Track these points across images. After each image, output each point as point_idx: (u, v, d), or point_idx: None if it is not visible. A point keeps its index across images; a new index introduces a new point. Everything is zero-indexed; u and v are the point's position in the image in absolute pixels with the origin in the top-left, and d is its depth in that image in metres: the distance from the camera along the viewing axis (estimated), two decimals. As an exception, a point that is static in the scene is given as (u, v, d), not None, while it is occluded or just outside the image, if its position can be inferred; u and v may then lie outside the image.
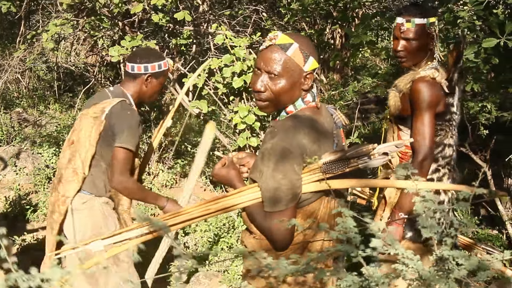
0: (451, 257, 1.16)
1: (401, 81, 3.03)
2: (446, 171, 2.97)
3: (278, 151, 1.91)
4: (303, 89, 2.05)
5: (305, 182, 1.96)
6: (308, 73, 2.03)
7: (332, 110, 2.23)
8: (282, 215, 1.92)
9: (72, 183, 3.27)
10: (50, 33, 5.26)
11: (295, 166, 1.91)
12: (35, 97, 10.19)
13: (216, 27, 5.49)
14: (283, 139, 1.93)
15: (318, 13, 8.17)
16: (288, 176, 1.90)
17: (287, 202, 1.92)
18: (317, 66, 2.05)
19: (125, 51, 4.93)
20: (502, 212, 4.89)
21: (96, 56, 7.85)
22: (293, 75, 2.02)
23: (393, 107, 3.07)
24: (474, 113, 4.99)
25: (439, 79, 2.89)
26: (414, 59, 3.00)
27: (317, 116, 2.06)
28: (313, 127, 1.99)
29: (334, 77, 10.68)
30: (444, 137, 2.96)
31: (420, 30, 2.95)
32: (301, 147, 1.92)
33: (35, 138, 8.18)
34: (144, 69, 3.36)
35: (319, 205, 2.03)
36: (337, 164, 1.92)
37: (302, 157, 1.91)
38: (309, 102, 2.08)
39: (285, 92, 2.03)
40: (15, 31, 10.10)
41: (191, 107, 5.26)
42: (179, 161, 7.39)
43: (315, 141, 1.96)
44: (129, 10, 5.55)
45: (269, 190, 1.93)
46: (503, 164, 5.53)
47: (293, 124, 1.97)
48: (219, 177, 2.18)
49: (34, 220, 5.90)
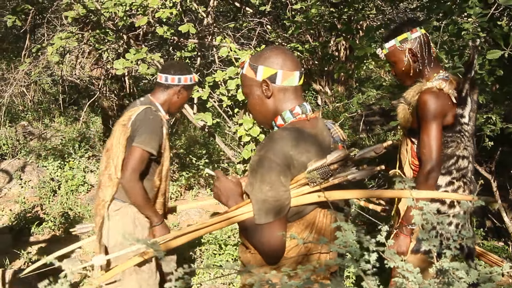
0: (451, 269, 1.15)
1: (408, 93, 3.03)
2: (461, 183, 2.93)
3: (265, 163, 1.91)
4: (266, 97, 2.09)
5: (297, 194, 1.95)
6: (263, 81, 2.08)
7: (330, 125, 2.23)
8: (271, 227, 1.92)
9: (108, 188, 3.42)
10: (55, 46, 5.29)
11: (282, 178, 1.90)
12: (40, 110, 10.24)
13: (221, 39, 5.51)
14: (269, 151, 1.92)
15: (323, 26, 8.18)
16: (274, 188, 1.90)
17: (274, 214, 1.91)
18: (274, 71, 2.06)
19: (130, 64, 4.95)
20: (508, 223, 4.86)
21: (101, 69, 7.87)
22: (252, 89, 2.12)
23: (403, 120, 3.06)
24: (479, 125, 4.97)
25: (446, 89, 2.87)
26: (410, 77, 3.05)
27: (308, 129, 2.05)
28: (302, 139, 1.98)
29: (338, 89, 10.67)
30: (456, 149, 2.92)
31: (393, 52, 3.04)
32: (288, 159, 1.91)
33: (40, 151, 8.20)
34: (178, 81, 3.56)
35: (315, 216, 2.02)
36: (321, 171, 1.90)
37: (289, 169, 1.92)
38: (298, 114, 2.09)
39: (255, 107, 2.15)
40: (20, 44, 10.17)
41: (195, 120, 5.27)
42: (184, 174, 7.39)
43: (304, 152, 1.95)
44: (133, 23, 5.59)
45: (257, 202, 1.93)
46: (508, 175, 5.51)
47: (280, 136, 1.96)
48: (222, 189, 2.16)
49: (39, 233, 5.90)
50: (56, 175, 7.32)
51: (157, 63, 5.28)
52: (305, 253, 2.01)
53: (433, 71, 3.01)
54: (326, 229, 2.05)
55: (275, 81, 2.07)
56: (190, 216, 6.66)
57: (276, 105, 2.10)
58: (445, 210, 2.91)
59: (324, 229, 2.05)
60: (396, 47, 3.01)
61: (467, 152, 2.95)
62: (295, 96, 2.11)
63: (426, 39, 3.02)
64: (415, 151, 3.01)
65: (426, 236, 1.29)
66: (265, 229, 1.93)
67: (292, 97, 2.10)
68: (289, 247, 1.99)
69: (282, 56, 2.09)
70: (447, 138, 2.92)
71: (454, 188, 2.92)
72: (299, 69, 2.10)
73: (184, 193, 7.32)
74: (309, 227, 2.01)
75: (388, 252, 1.25)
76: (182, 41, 5.90)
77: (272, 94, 2.09)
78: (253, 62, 2.11)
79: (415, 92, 2.97)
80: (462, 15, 4.29)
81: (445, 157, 2.92)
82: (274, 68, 2.07)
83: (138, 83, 10.59)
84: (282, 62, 2.07)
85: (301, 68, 2.12)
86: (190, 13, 7.48)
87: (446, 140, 2.92)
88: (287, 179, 1.92)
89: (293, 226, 2.00)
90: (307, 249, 2.01)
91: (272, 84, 2.07)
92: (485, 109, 5.22)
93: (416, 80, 3.02)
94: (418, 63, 3.00)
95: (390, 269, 1.46)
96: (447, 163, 2.92)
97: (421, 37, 3.00)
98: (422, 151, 2.87)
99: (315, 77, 10.26)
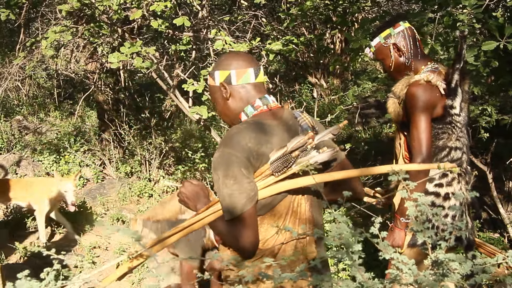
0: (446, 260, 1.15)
1: (397, 87, 3.02)
2: (455, 175, 2.90)
3: (225, 158, 1.97)
4: (226, 99, 2.19)
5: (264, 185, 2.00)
6: (220, 84, 2.18)
7: (297, 114, 2.27)
8: (241, 220, 1.95)
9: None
10: (49, 40, 5.25)
11: (243, 170, 1.95)
12: (35, 104, 10.21)
13: (216, 32, 5.48)
14: (228, 146, 1.99)
15: (318, 18, 8.16)
16: (238, 181, 1.94)
17: (242, 206, 1.94)
18: (227, 73, 2.16)
19: (125, 57, 4.92)
20: (504, 215, 4.87)
21: (96, 63, 7.84)
22: (216, 96, 2.23)
23: (394, 114, 3.05)
24: (475, 116, 4.97)
25: (434, 81, 2.86)
26: (397, 73, 3.06)
27: (269, 120, 2.11)
28: (261, 131, 2.04)
29: (334, 82, 10.67)
30: (448, 140, 2.91)
31: (380, 49, 3.07)
32: (246, 151, 1.97)
33: (36, 146, 8.19)
34: None
35: (288, 206, 2.07)
36: (282, 160, 1.96)
37: (249, 161, 1.97)
38: (259, 106, 2.15)
39: (221, 112, 2.27)
40: (14, 38, 10.13)
41: (191, 113, 5.25)
42: (180, 167, 7.38)
43: (264, 143, 2.00)
44: (128, 17, 5.56)
45: (224, 198, 1.97)
46: (504, 167, 5.52)
47: (238, 130, 2.03)
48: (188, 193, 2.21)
49: (34, 228, 5.89)
50: (52, 170, 7.31)
51: (152, 57, 5.26)
52: (282, 242, 2.05)
53: (421, 63, 3.01)
54: (302, 217, 2.10)
55: (231, 81, 2.17)
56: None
57: (238, 104, 2.18)
58: (440, 203, 2.90)
59: (299, 217, 2.09)
60: (381, 44, 3.03)
61: (459, 143, 2.94)
62: (257, 91, 2.18)
63: (411, 32, 3.02)
64: (407, 145, 3.01)
65: (420, 228, 1.29)
66: (235, 224, 1.96)
67: (253, 93, 2.17)
68: (265, 239, 2.04)
69: (234, 57, 2.19)
70: (437, 130, 2.91)
71: (448, 180, 2.91)
72: (254, 65, 2.18)
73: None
74: (282, 217, 2.06)
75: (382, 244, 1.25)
76: (177, 34, 5.88)
77: (231, 95, 2.18)
78: (212, 70, 2.23)
79: (403, 85, 2.97)
80: (457, 6, 4.28)
81: (436, 149, 2.91)
82: (227, 70, 2.17)
83: (133, 76, 10.57)
84: (235, 62, 2.17)
85: (257, 65, 2.20)
86: (184, 6, 7.44)
87: (437, 132, 2.91)
88: (249, 171, 1.98)
89: (265, 218, 2.05)
90: (284, 238, 2.05)
91: (229, 85, 2.17)
92: (481, 100, 5.22)
93: (404, 74, 3.02)
94: (404, 57, 3.00)
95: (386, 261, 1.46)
96: (439, 155, 2.91)
97: (404, 30, 3.01)
98: (412, 144, 2.87)
99: (311, 70, 10.26)
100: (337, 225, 1.25)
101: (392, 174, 1.57)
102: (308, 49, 9.85)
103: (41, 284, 1.52)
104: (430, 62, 3.01)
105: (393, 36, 2.99)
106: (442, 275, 1.14)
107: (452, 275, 1.16)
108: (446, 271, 1.15)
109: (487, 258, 1.32)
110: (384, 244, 1.27)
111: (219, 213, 2.03)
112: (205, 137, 8.46)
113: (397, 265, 1.20)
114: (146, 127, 7.85)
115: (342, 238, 1.21)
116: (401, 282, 1.17)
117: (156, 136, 7.52)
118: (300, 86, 10.93)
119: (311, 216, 2.14)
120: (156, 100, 9.31)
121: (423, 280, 1.09)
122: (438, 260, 1.19)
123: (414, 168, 2.70)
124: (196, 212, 2.13)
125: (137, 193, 6.90)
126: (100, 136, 8.05)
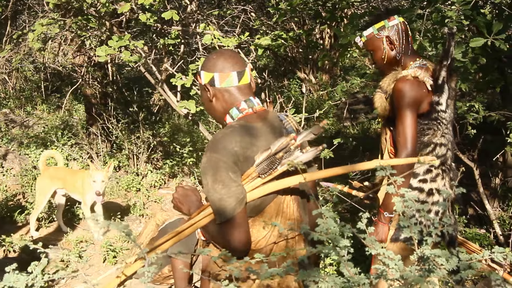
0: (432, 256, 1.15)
1: (384, 82, 3.03)
2: (439, 171, 2.92)
3: (212, 163, 1.99)
4: (210, 100, 2.22)
5: (251, 188, 2.04)
6: (204, 85, 2.21)
7: (282, 116, 2.31)
8: (231, 222, 1.99)
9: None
10: (36, 33, 5.21)
11: (231, 174, 1.98)
12: (22, 97, 10.13)
13: (204, 27, 5.47)
14: (214, 151, 2.01)
15: (307, 13, 8.15)
16: (226, 185, 1.97)
17: (232, 209, 1.98)
18: (211, 75, 2.18)
19: (113, 51, 4.89)
20: (490, 211, 4.90)
21: (84, 56, 7.79)
22: (202, 93, 2.27)
23: (380, 109, 3.06)
24: (462, 113, 4.99)
25: (421, 77, 2.87)
26: (386, 66, 3.05)
27: (254, 123, 2.13)
28: (247, 134, 2.06)
29: (323, 77, 10.68)
30: (433, 136, 2.92)
31: (372, 39, 3.05)
32: (233, 155, 1.99)
33: (22, 139, 8.13)
34: None
35: (277, 207, 2.11)
36: (268, 162, 2.00)
37: (237, 165, 2.00)
38: (244, 109, 2.17)
39: (207, 110, 2.30)
40: (1, 31, 10.03)
41: (179, 107, 5.24)
42: (168, 162, 7.37)
43: (249, 147, 2.03)
44: (116, 10, 5.52)
45: (214, 202, 2.00)
46: (490, 163, 5.55)
47: (223, 135, 2.05)
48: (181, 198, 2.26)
49: (21, 222, 5.86)
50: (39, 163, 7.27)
51: (141, 51, 5.24)
52: (273, 242, 2.10)
53: (409, 59, 3.02)
54: (290, 217, 2.14)
55: (214, 84, 2.19)
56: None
57: (223, 106, 2.21)
58: (424, 198, 2.92)
59: (289, 217, 2.13)
60: (374, 34, 3.03)
61: (444, 139, 2.95)
62: (242, 93, 2.20)
63: (404, 27, 3.02)
64: (393, 140, 3.01)
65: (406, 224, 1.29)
66: (227, 227, 2.00)
67: (237, 96, 2.19)
68: (257, 239, 2.08)
69: (220, 59, 2.19)
70: (423, 125, 2.91)
71: (432, 176, 2.92)
72: (238, 69, 2.18)
73: (168, 181, 7.30)
74: (273, 218, 2.10)
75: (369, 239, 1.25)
76: (165, 28, 5.85)
77: (215, 96, 2.21)
78: (200, 68, 2.25)
79: (391, 80, 2.97)
80: (446, 3, 4.29)
81: (421, 145, 2.91)
82: (211, 72, 2.19)
83: (122, 70, 10.52)
84: (220, 65, 2.18)
85: (241, 67, 2.20)
86: (173, 0, 7.42)
87: (423, 128, 2.91)
88: (237, 175, 2.01)
89: (256, 220, 2.09)
90: (275, 238, 2.10)
91: (213, 87, 2.20)
92: (468, 97, 5.24)
93: (393, 68, 3.02)
94: (395, 51, 3.00)
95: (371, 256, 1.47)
96: (424, 150, 2.92)
97: (398, 25, 3.01)
98: (397, 139, 2.88)
99: (300, 65, 10.25)
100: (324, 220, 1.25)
101: (380, 169, 1.57)
102: (297, 44, 9.84)
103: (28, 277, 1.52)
104: (418, 59, 3.02)
105: (387, 28, 2.99)
106: (428, 270, 1.15)
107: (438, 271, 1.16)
108: (432, 267, 1.15)
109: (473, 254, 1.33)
110: (370, 239, 1.27)
111: (211, 216, 2.07)
112: (193, 132, 8.45)
113: (383, 260, 1.20)
114: (134, 121, 7.82)
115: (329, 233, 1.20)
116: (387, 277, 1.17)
117: (144, 130, 7.49)
118: (289, 81, 10.93)
119: (299, 216, 2.18)
120: (144, 94, 9.28)
121: (409, 276, 1.09)
122: (424, 256, 1.19)
123: (395, 162, 2.72)
124: (189, 217, 2.17)
125: (125, 187, 6.87)
126: (87, 130, 8.01)
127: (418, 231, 1.30)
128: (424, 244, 1.29)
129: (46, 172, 5.75)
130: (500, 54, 4.46)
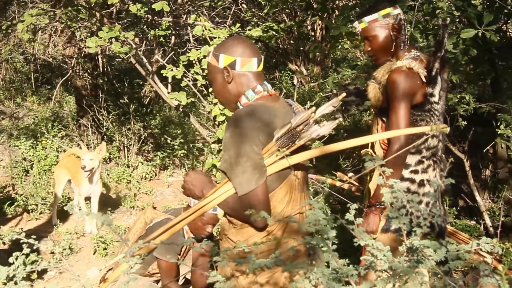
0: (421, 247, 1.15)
1: (378, 72, 3.01)
2: (431, 162, 2.93)
3: (236, 137, 2.10)
4: (227, 82, 2.30)
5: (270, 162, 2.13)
6: (224, 68, 2.29)
7: (291, 102, 2.44)
8: (254, 194, 2.09)
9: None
10: (26, 23, 5.17)
11: (254, 147, 2.09)
12: (12, 89, 10.07)
13: (195, 18, 5.44)
14: (238, 126, 2.12)
15: (298, 5, 8.14)
16: (251, 157, 2.08)
17: (256, 180, 2.08)
18: (233, 59, 2.27)
19: (103, 42, 4.86)
20: (480, 203, 4.92)
21: (74, 47, 7.75)
22: (216, 76, 2.34)
23: (374, 100, 3.05)
24: (453, 104, 5.00)
25: (415, 68, 2.86)
26: (384, 55, 3.01)
27: (272, 104, 2.26)
28: (266, 112, 2.18)
29: (314, 69, 10.66)
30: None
31: (374, 26, 2.99)
32: (256, 130, 2.11)
33: (12, 131, 8.09)
34: None
35: (291, 180, 2.22)
36: (288, 136, 2.08)
37: (259, 139, 2.11)
38: (260, 92, 2.29)
39: (219, 92, 2.37)
40: (-9, 22, 9.97)
41: (170, 99, 5.22)
42: (159, 153, 7.35)
43: (269, 124, 2.15)
44: (106, 1, 5.48)
45: (237, 175, 2.10)
46: (481, 155, 5.57)
47: (246, 112, 2.17)
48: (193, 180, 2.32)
49: (11, 214, 5.83)
50: (29, 155, 7.23)
51: (131, 42, 5.21)
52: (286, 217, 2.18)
53: (404, 50, 3.00)
54: (301, 192, 2.30)
55: (235, 67, 2.28)
56: (164, 196, 6.64)
57: (238, 89, 2.31)
58: (415, 189, 2.92)
59: (300, 192, 2.29)
60: (379, 21, 2.97)
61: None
62: (256, 78, 2.32)
63: (403, 18, 3.01)
64: (385, 130, 3.01)
65: (396, 215, 1.29)
66: (249, 199, 2.09)
67: (253, 80, 2.30)
68: (274, 214, 2.16)
69: (242, 45, 2.30)
70: (416, 117, 2.91)
71: (424, 167, 2.93)
72: (258, 56, 2.31)
73: (159, 173, 7.29)
74: (289, 191, 2.22)
75: (358, 231, 1.24)
76: (156, 20, 5.82)
77: (233, 79, 2.30)
78: (216, 51, 2.33)
79: (385, 71, 2.96)
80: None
81: (414, 136, 2.91)
82: (233, 56, 2.28)
83: (112, 62, 10.46)
84: (241, 50, 2.29)
85: (259, 55, 2.32)
86: (164, -9, 7.36)
87: (416, 119, 2.91)
88: (259, 148, 2.12)
89: (273, 196, 2.18)
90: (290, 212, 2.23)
91: (232, 71, 2.28)
92: (459, 89, 5.25)
93: (387, 59, 3.00)
94: (399, 40, 2.98)
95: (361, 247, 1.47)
96: (416, 141, 2.92)
97: (400, 14, 2.99)
98: (390, 130, 2.88)
99: (291, 57, 10.23)
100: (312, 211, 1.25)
101: (369, 160, 1.57)
102: (288, 36, 9.82)
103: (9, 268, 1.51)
104: (413, 50, 3.01)
105: (392, 16, 2.96)
106: (416, 261, 1.14)
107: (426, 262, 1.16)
108: (420, 258, 1.15)
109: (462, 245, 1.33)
110: (359, 231, 1.27)
111: (230, 192, 2.15)
112: (184, 124, 8.42)
113: (372, 252, 1.20)
114: (125, 113, 7.79)
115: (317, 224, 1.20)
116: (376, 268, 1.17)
117: (135, 122, 7.47)
118: (280, 73, 10.91)
119: (306, 192, 2.35)
120: (135, 85, 9.24)
121: (397, 267, 1.09)
122: (413, 247, 1.19)
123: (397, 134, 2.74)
124: (203, 197, 2.24)
125: (115, 179, 6.86)
126: (78, 121, 7.97)
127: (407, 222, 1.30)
128: (413, 235, 1.29)
129: (61, 162, 5.91)
130: (491, 46, 4.47)
